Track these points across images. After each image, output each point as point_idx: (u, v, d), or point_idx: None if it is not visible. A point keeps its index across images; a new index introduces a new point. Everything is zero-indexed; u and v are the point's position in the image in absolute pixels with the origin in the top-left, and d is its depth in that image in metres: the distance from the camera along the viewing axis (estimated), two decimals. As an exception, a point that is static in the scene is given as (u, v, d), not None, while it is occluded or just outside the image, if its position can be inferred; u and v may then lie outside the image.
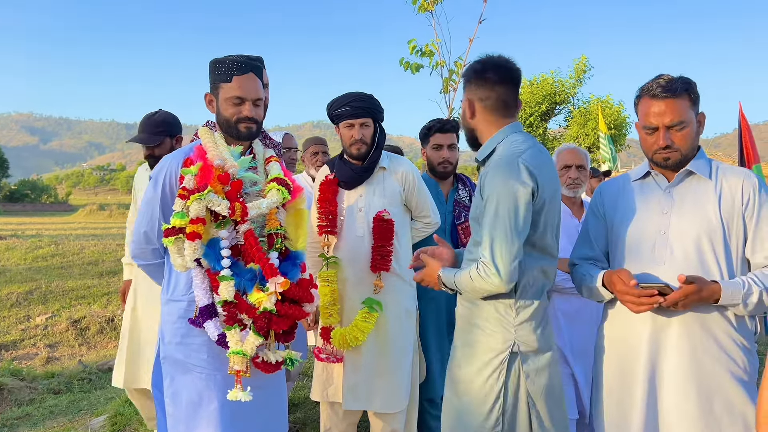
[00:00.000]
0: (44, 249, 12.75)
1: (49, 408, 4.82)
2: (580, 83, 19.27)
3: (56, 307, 9.11)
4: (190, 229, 1.99)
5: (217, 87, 2.16)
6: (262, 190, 2.24)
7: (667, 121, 1.96)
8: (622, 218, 2.12)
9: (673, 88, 1.95)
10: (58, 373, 6.09)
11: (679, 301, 1.84)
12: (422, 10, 5.15)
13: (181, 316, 2.11)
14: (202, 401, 2.06)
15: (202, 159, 2.10)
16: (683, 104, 1.96)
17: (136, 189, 3.47)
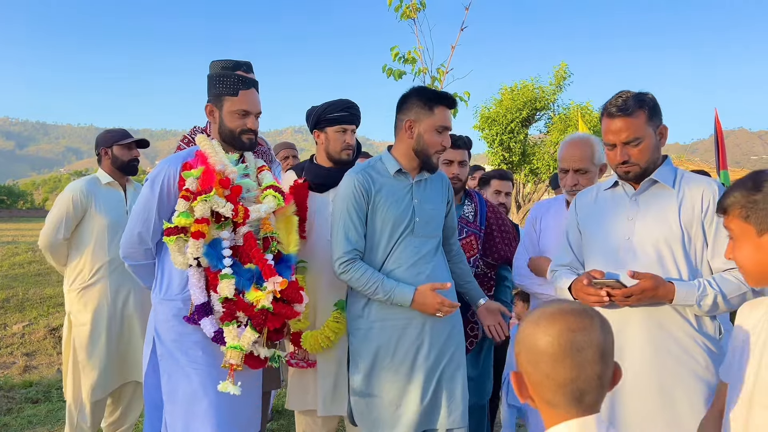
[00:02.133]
0: (21, 256, 12.53)
1: (27, 418, 4.75)
2: (560, 90, 19.52)
3: (34, 314, 8.97)
4: (195, 228, 2.13)
5: (221, 99, 2.29)
6: (256, 196, 2.37)
7: (623, 138, 2.11)
8: (593, 225, 2.25)
9: (626, 106, 2.09)
10: (36, 382, 6.00)
11: (633, 296, 1.94)
12: (405, 18, 5.20)
13: (176, 314, 2.22)
14: (198, 397, 2.16)
15: (203, 163, 2.24)
16: (638, 121, 2.09)
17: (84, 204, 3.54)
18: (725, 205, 1.40)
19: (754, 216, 1.34)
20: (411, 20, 5.25)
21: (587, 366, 1.11)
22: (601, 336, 1.14)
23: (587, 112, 18.48)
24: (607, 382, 1.16)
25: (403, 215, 2.44)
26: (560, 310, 1.16)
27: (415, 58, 5.24)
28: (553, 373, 1.11)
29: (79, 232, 3.56)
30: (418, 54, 5.24)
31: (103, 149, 3.67)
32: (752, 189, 1.35)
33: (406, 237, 2.44)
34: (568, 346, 1.11)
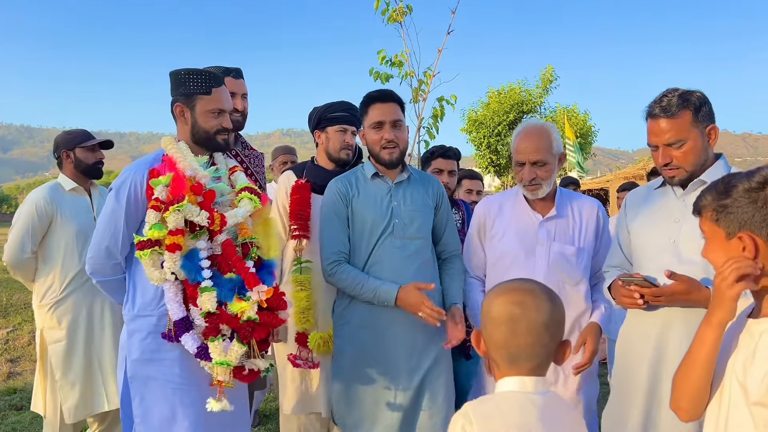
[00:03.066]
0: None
1: (12, 425, 4.68)
2: (546, 93, 19.69)
3: (18, 320, 8.88)
4: (170, 240, 1.97)
5: (192, 99, 2.15)
6: (230, 200, 2.24)
7: (665, 140, 2.04)
8: (640, 225, 2.21)
9: (669, 107, 2.02)
10: (20, 388, 5.92)
11: (663, 296, 1.93)
12: (391, 21, 5.20)
13: (151, 331, 2.08)
14: (176, 418, 2.04)
15: (171, 169, 2.08)
16: (682, 122, 2.01)
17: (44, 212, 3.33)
18: (699, 207, 1.41)
19: (723, 220, 1.36)
20: (398, 24, 5.26)
21: (519, 335, 1.31)
22: (535, 313, 1.32)
23: (573, 114, 18.66)
24: (546, 354, 1.34)
25: (382, 217, 2.48)
26: (512, 286, 1.39)
27: (402, 61, 5.24)
28: (493, 335, 1.35)
29: (46, 243, 3.34)
30: (405, 57, 5.25)
31: (65, 152, 3.46)
32: (723, 193, 1.36)
33: (386, 238, 2.46)
34: (505, 315, 1.33)
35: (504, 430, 1.25)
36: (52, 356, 3.36)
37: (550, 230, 2.48)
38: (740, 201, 1.34)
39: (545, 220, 2.49)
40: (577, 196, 2.61)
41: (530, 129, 2.49)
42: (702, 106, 2.04)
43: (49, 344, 3.37)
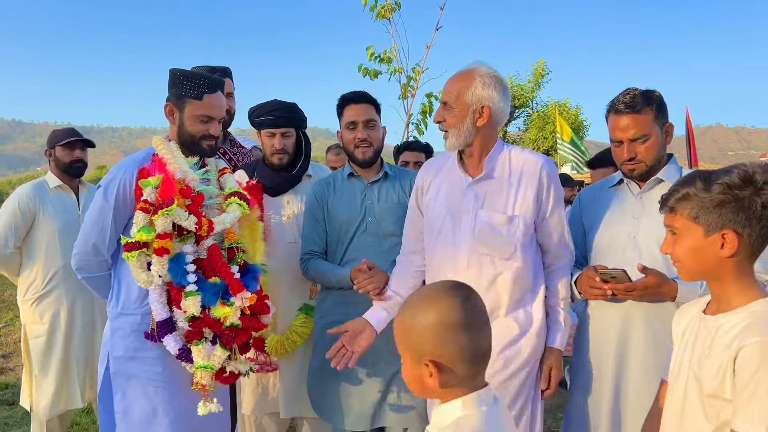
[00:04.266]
0: (-4, 257, 12.39)
1: (3, 420, 4.71)
2: (538, 87, 19.71)
3: (9, 316, 8.87)
4: (158, 244, 2.00)
5: (183, 101, 2.16)
6: (219, 203, 2.26)
7: (630, 135, 2.09)
8: (596, 223, 2.25)
9: (634, 103, 2.08)
10: (12, 384, 5.94)
11: (636, 291, 1.96)
12: (380, 18, 5.24)
13: (134, 329, 2.12)
14: (157, 415, 2.07)
15: (161, 171, 2.10)
16: (646, 118, 2.08)
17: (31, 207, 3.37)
18: (672, 204, 1.41)
19: (704, 217, 1.36)
20: (386, 20, 5.29)
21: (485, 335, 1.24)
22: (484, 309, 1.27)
23: (565, 109, 18.72)
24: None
25: (356, 215, 2.54)
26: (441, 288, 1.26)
27: (391, 57, 5.28)
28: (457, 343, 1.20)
29: (29, 239, 3.39)
30: (394, 54, 5.28)
31: (47, 150, 3.55)
32: (703, 190, 1.36)
33: (360, 236, 2.53)
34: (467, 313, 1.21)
35: None
36: (32, 350, 3.42)
37: (479, 195, 2.14)
38: (725, 199, 1.34)
39: (474, 182, 2.16)
40: (521, 152, 2.23)
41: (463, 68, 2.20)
42: (661, 104, 2.13)
43: (31, 339, 3.45)
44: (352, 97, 2.62)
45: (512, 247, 2.09)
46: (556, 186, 2.16)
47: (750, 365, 1.25)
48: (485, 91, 2.08)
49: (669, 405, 1.50)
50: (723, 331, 1.36)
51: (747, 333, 1.29)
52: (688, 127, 6.81)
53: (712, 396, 1.34)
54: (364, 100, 2.62)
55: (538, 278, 2.16)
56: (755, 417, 1.24)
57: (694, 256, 1.39)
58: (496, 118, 2.14)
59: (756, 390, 1.23)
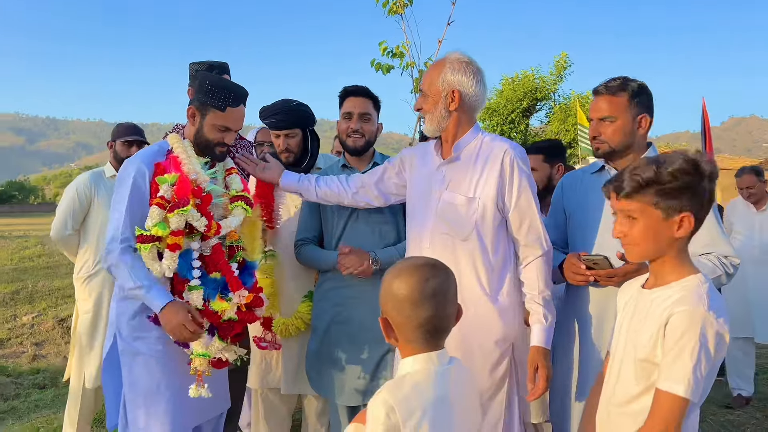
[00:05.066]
0: (31, 249, 12.85)
1: (35, 402, 4.98)
2: (560, 80, 19.54)
3: (43, 306, 9.21)
4: (172, 240, 2.15)
5: (206, 108, 2.29)
6: (224, 203, 2.41)
7: (599, 115, 2.20)
8: (577, 208, 2.33)
9: (610, 86, 2.18)
10: (43, 369, 6.24)
11: (616, 277, 2.02)
12: (392, 13, 5.33)
13: (137, 312, 2.27)
14: (160, 388, 2.24)
15: (176, 169, 2.24)
16: (618, 102, 2.16)
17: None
18: (630, 191, 1.48)
19: (663, 203, 1.45)
20: (398, 16, 5.38)
21: (441, 307, 1.40)
22: (451, 282, 1.44)
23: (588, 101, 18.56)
24: (454, 321, 1.47)
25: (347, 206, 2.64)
26: (415, 264, 1.44)
27: (403, 52, 5.37)
28: (417, 313, 1.39)
29: (85, 223, 3.72)
30: (406, 48, 5.38)
31: (109, 142, 3.85)
32: (662, 177, 1.45)
33: (352, 224, 2.66)
34: (424, 292, 1.38)
35: (422, 410, 1.34)
36: (80, 325, 3.77)
37: (446, 177, 2.22)
38: (682, 185, 1.45)
39: (444, 164, 2.25)
40: (493, 138, 2.27)
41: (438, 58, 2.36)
42: (640, 94, 2.18)
43: (81, 314, 3.79)
44: (352, 90, 2.76)
45: (469, 227, 2.14)
46: (523, 175, 2.17)
47: (677, 331, 1.40)
48: (455, 76, 2.17)
49: (608, 370, 1.63)
50: (658, 302, 1.50)
51: (678, 303, 1.43)
52: (704, 118, 6.76)
53: (644, 360, 1.48)
54: (363, 95, 2.75)
55: (506, 267, 2.19)
56: (678, 376, 1.38)
57: (651, 238, 1.49)
58: (468, 102, 2.20)
59: (680, 353, 1.38)
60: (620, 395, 1.55)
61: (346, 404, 2.57)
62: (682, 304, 1.42)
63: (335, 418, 2.64)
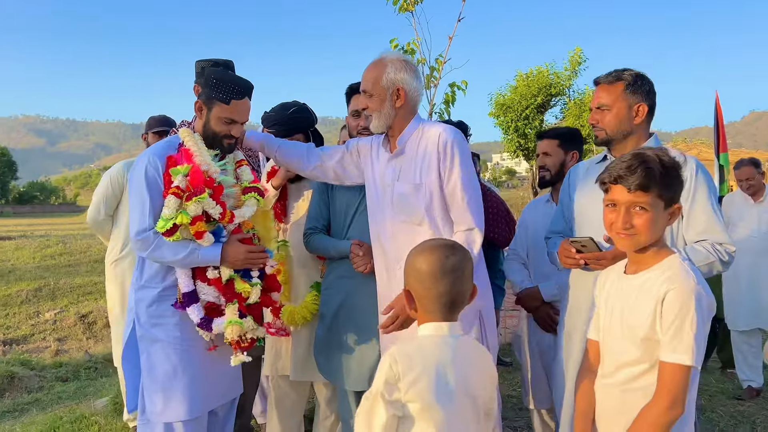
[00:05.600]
0: (52, 248, 13.12)
1: (58, 394, 5.13)
2: (575, 75, 19.40)
3: (64, 302, 9.42)
4: (194, 229, 2.26)
5: (212, 102, 2.37)
6: (236, 193, 2.49)
7: (595, 103, 2.30)
8: (582, 196, 2.39)
9: (608, 77, 2.27)
10: (65, 363, 6.40)
11: (605, 260, 2.05)
12: (402, 11, 5.39)
13: (154, 300, 2.37)
14: (177, 372, 2.33)
15: (188, 161, 2.33)
16: (614, 90, 2.24)
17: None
18: (646, 184, 1.57)
19: (666, 193, 1.58)
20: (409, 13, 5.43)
21: (459, 282, 1.54)
22: (465, 262, 1.57)
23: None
24: (468, 299, 1.60)
25: (355, 197, 2.73)
26: (437, 244, 1.60)
27: (414, 49, 5.42)
28: (434, 288, 1.53)
29: (118, 210, 3.89)
30: (417, 45, 5.43)
31: (143, 134, 4.01)
32: (668, 168, 1.57)
33: (360, 215, 2.71)
34: (445, 268, 1.52)
35: (422, 367, 1.48)
36: (111, 309, 3.92)
37: (396, 169, 2.38)
38: (676, 177, 1.60)
39: (392, 158, 2.39)
40: (431, 126, 2.39)
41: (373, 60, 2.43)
42: (636, 84, 2.24)
43: (109, 298, 3.95)
44: (357, 88, 2.74)
45: (421, 213, 2.31)
46: (455, 153, 2.28)
47: (675, 306, 1.51)
48: (398, 75, 2.32)
49: (604, 353, 1.68)
50: (648, 284, 1.60)
51: (670, 281, 1.54)
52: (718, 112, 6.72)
53: (646, 339, 1.57)
54: None
55: None
56: (683, 347, 1.49)
57: (654, 228, 1.59)
58: (411, 98, 2.36)
59: (681, 326, 1.50)
60: (624, 374, 1.63)
61: (354, 389, 2.64)
62: (674, 281, 1.53)
63: (344, 404, 2.71)
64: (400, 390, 1.46)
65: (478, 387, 1.55)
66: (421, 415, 1.46)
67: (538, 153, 3.22)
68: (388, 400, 1.46)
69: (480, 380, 1.57)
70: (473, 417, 1.53)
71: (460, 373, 1.51)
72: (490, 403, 1.61)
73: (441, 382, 1.47)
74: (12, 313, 8.94)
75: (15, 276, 10.82)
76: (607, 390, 1.69)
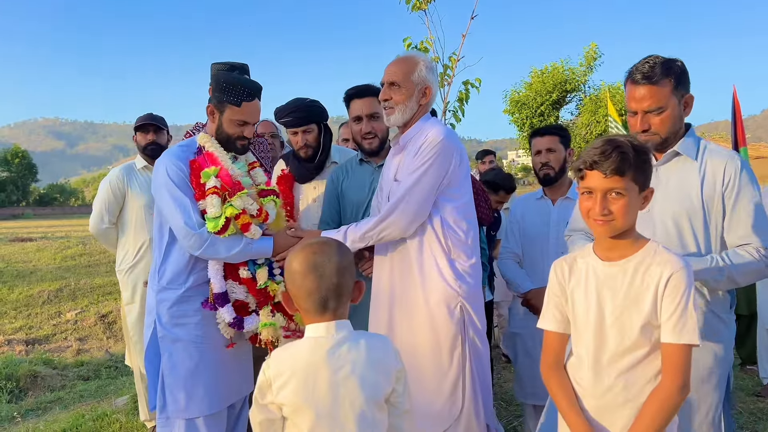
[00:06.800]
0: (73, 249, 13.30)
1: (79, 392, 5.22)
2: (590, 71, 19.17)
3: (85, 303, 9.55)
4: (240, 223, 2.35)
5: (223, 105, 2.42)
6: (253, 194, 2.53)
7: (645, 107, 2.05)
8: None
9: (652, 74, 2.02)
10: (86, 362, 6.50)
11: None
12: (415, 9, 5.40)
13: (176, 301, 2.41)
14: (199, 370, 2.39)
15: (213, 163, 2.40)
16: (663, 90, 2.02)
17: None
18: (621, 168, 1.56)
19: (640, 176, 1.59)
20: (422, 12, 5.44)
21: (326, 278, 1.52)
22: (336, 257, 1.55)
23: (618, 92, 18.26)
24: (348, 293, 1.58)
25: (364, 197, 2.76)
26: (308, 243, 1.60)
27: (427, 47, 5.43)
28: (304, 285, 1.53)
29: (122, 215, 3.81)
30: (430, 44, 5.43)
31: (134, 136, 3.93)
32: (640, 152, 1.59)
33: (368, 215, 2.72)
34: (310, 264, 1.52)
35: (291, 371, 1.49)
36: (128, 315, 3.82)
37: (397, 165, 2.45)
38: (647, 162, 1.62)
39: (395, 154, 2.48)
40: (433, 124, 2.39)
41: (402, 55, 2.47)
42: (682, 75, 2.06)
43: (125, 305, 3.85)
44: (355, 93, 2.81)
45: None
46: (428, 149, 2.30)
47: (678, 289, 1.54)
48: (429, 75, 2.37)
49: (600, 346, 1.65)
50: (642, 269, 1.60)
51: (666, 265, 1.57)
52: (735, 106, 6.64)
53: (645, 324, 1.58)
54: (368, 94, 2.79)
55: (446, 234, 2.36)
56: (689, 327, 1.53)
57: (630, 212, 1.61)
58: (432, 100, 2.42)
59: (685, 307, 1.53)
60: (627, 361, 1.61)
61: None
62: (671, 265, 1.56)
63: None
64: (272, 393, 1.50)
65: (367, 383, 1.53)
66: (292, 417, 1.51)
67: (538, 150, 3.14)
68: (261, 404, 1.53)
69: (370, 376, 1.54)
70: (354, 415, 1.51)
71: (338, 373, 1.50)
72: (393, 397, 1.59)
73: (309, 384, 1.49)
74: (34, 313, 9.09)
75: (36, 277, 10.99)
76: (608, 380, 1.64)
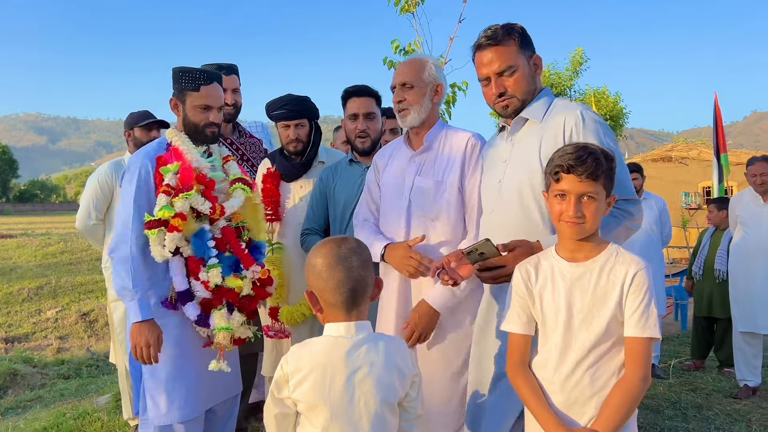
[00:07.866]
0: (54, 246, 13.16)
1: (60, 391, 5.17)
2: (576, 75, 19.30)
3: (66, 301, 9.47)
4: (173, 222, 2.24)
5: (183, 94, 2.41)
6: (225, 187, 2.51)
7: (496, 68, 2.02)
8: (485, 171, 2.25)
9: (495, 35, 2.01)
10: (67, 360, 6.44)
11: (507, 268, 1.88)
12: (404, 12, 5.43)
13: (154, 302, 2.35)
14: (178, 374, 2.35)
15: (178, 159, 2.35)
16: (509, 49, 2.01)
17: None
18: (595, 173, 1.61)
19: (609, 183, 1.65)
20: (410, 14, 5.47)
21: (354, 270, 1.52)
22: (358, 251, 1.56)
23: (603, 97, 18.45)
24: (370, 289, 1.58)
25: (354, 197, 2.76)
26: (327, 239, 1.61)
27: (415, 50, 5.46)
28: (331, 279, 1.52)
29: (109, 213, 3.71)
30: (418, 46, 5.47)
31: (127, 131, 3.79)
32: (609, 159, 1.64)
33: None
34: (336, 257, 1.52)
35: (309, 368, 1.49)
36: (113, 313, 3.78)
37: (419, 165, 2.40)
38: (612, 169, 1.67)
39: (416, 155, 2.42)
40: (456, 130, 2.43)
41: (409, 57, 2.53)
42: (524, 35, 2.05)
43: (110, 302, 3.81)
44: (354, 91, 2.85)
45: (438, 208, 2.31)
46: (480, 159, 2.31)
47: (642, 287, 1.61)
48: (439, 73, 2.41)
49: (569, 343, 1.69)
50: (607, 268, 1.66)
51: (630, 264, 1.64)
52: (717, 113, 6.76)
53: (611, 319, 1.63)
54: (366, 94, 2.85)
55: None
56: (651, 322, 1.60)
57: (599, 216, 1.67)
58: (441, 99, 2.43)
59: (648, 303, 1.61)
60: (594, 356, 1.66)
61: None
62: (636, 265, 1.63)
63: None
64: (289, 389, 1.51)
65: (382, 385, 1.53)
66: (307, 414, 1.51)
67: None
68: (277, 398, 1.54)
69: (386, 379, 1.54)
70: (369, 416, 1.51)
71: (355, 374, 1.50)
72: (407, 401, 1.60)
73: (326, 382, 1.49)
74: (14, 311, 8.99)
75: (17, 274, 10.87)
76: (575, 376, 1.67)
